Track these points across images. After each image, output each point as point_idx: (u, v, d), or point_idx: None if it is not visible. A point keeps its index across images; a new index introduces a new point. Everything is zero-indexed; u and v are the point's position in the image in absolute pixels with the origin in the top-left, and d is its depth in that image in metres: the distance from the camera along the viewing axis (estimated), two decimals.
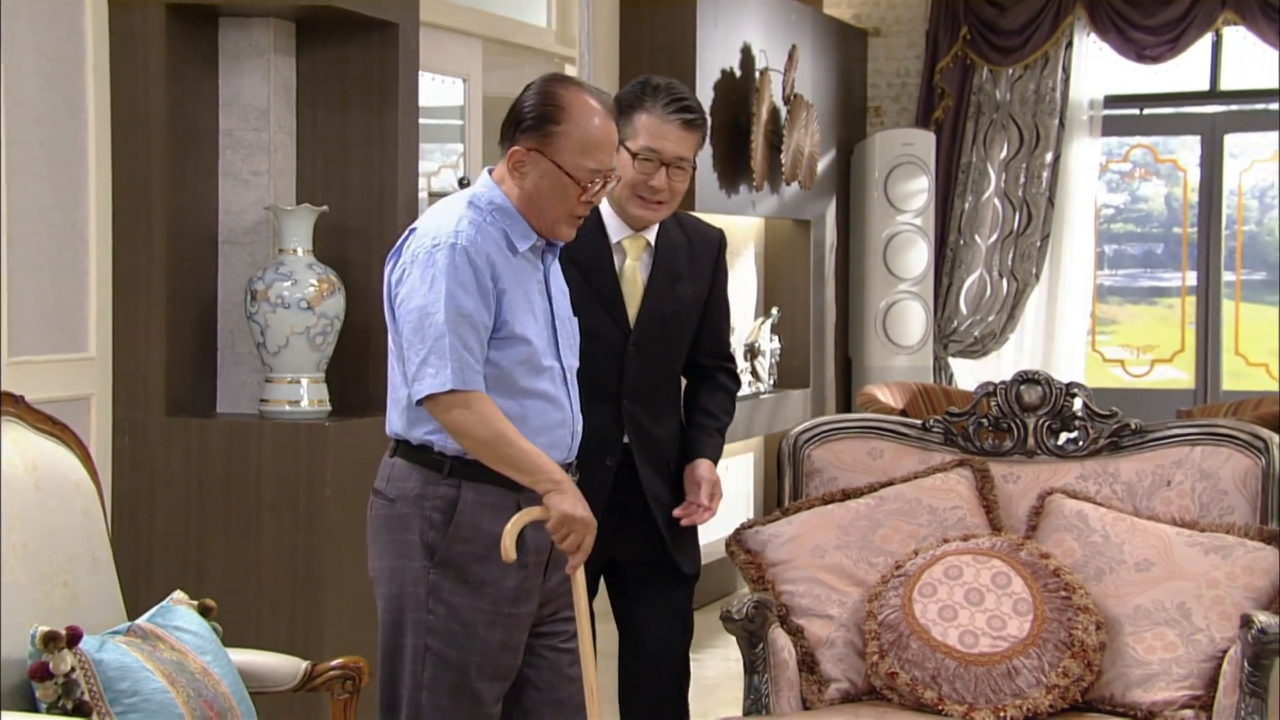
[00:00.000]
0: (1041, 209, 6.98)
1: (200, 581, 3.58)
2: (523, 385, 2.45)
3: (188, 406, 3.77)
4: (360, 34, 3.88)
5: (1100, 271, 7.37)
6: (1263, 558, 2.96)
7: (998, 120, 7.03)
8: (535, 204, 2.47)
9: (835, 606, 2.99)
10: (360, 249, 3.92)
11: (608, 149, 2.48)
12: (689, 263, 2.93)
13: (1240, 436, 3.12)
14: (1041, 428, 3.22)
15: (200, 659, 2.27)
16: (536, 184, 2.45)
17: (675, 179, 2.82)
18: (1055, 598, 2.91)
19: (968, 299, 7.10)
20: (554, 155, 2.44)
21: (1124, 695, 2.88)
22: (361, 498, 3.77)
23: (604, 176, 2.48)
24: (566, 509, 2.38)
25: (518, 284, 2.47)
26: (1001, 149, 7.03)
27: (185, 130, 3.74)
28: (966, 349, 7.13)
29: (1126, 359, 7.35)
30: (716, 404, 2.98)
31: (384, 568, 2.52)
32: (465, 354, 2.38)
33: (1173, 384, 7.19)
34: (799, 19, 6.42)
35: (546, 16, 5.41)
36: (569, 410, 2.52)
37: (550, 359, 2.50)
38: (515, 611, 2.46)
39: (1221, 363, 7.10)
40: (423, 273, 2.41)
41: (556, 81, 2.52)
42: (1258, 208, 7.30)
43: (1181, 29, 6.71)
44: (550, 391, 2.48)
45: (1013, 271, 7.05)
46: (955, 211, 7.07)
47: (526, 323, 2.46)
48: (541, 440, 2.45)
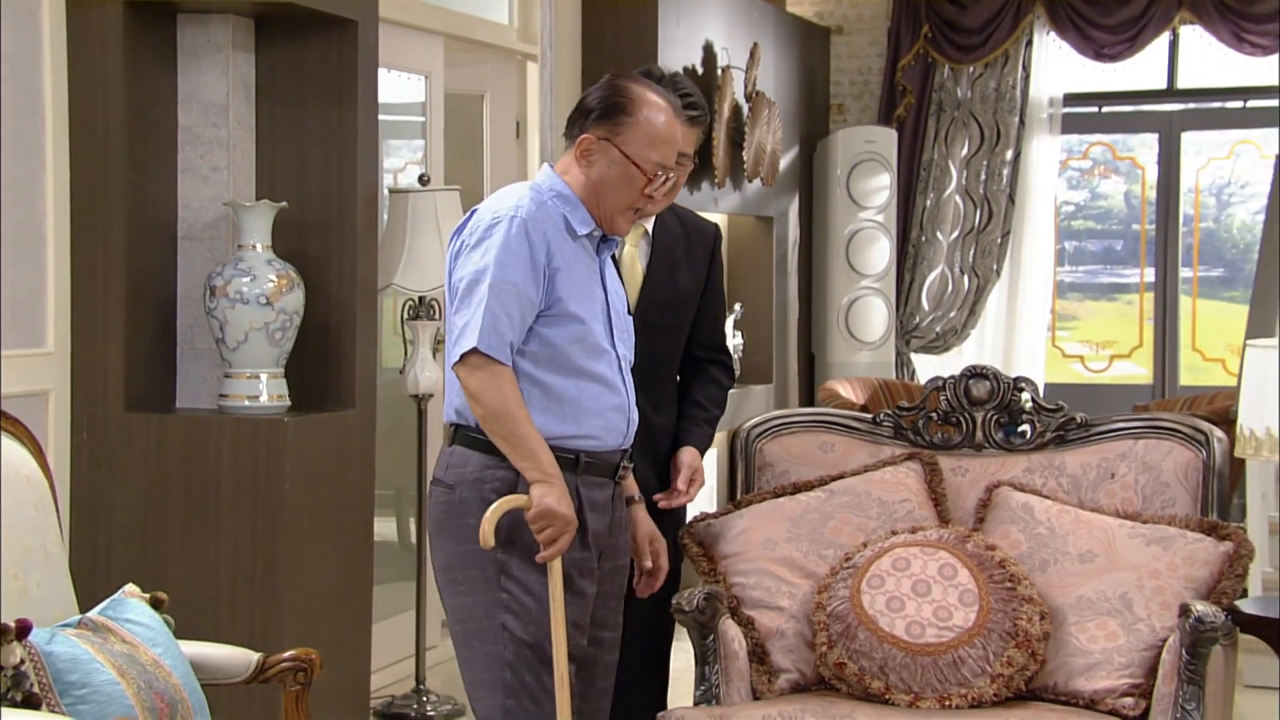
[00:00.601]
0: (1002, 206, 7.05)
1: (159, 576, 3.59)
2: (578, 364, 2.50)
3: (147, 402, 3.78)
4: (319, 31, 3.90)
5: (1060, 268, 7.44)
6: (1202, 549, 3.02)
7: (959, 118, 7.09)
8: (599, 193, 2.54)
9: (785, 598, 3.03)
10: (319, 245, 3.94)
11: (672, 145, 2.56)
12: (686, 253, 2.96)
13: (1182, 430, 3.18)
14: (990, 422, 3.28)
15: (151, 651, 2.28)
16: (604, 173, 2.53)
17: (676, 173, 2.84)
18: (1000, 589, 2.96)
19: (929, 295, 7.16)
20: (623, 145, 2.52)
21: (1067, 684, 2.93)
22: (320, 492, 3.81)
23: (666, 172, 2.55)
24: (550, 503, 2.42)
25: (574, 266, 2.54)
26: (962, 146, 7.09)
27: (144, 126, 3.75)
28: (928, 345, 7.19)
29: (1086, 354, 7.43)
30: (707, 396, 3.02)
31: (451, 553, 2.55)
32: (501, 321, 2.44)
33: (1131, 379, 7.28)
34: (761, 17, 6.46)
35: (508, 13, 5.43)
36: (625, 397, 2.58)
37: (606, 344, 2.56)
38: (583, 589, 2.52)
39: (1179, 358, 7.19)
40: (478, 244, 2.48)
41: (626, 77, 2.61)
42: (1215, 205, 7.39)
43: (1139, 28, 6.79)
44: (607, 375, 2.54)
45: (974, 268, 7.12)
46: (917, 208, 7.13)
47: (582, 303, 2.52)
48: (595, 423, 2.51)
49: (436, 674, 4.80)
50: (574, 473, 2.50)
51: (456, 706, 4.49)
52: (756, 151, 6.18)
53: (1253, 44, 6.67)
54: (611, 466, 2.58)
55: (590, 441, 2.53)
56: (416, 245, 4.39)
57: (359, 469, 3.95)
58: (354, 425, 3.93)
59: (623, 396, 2.57)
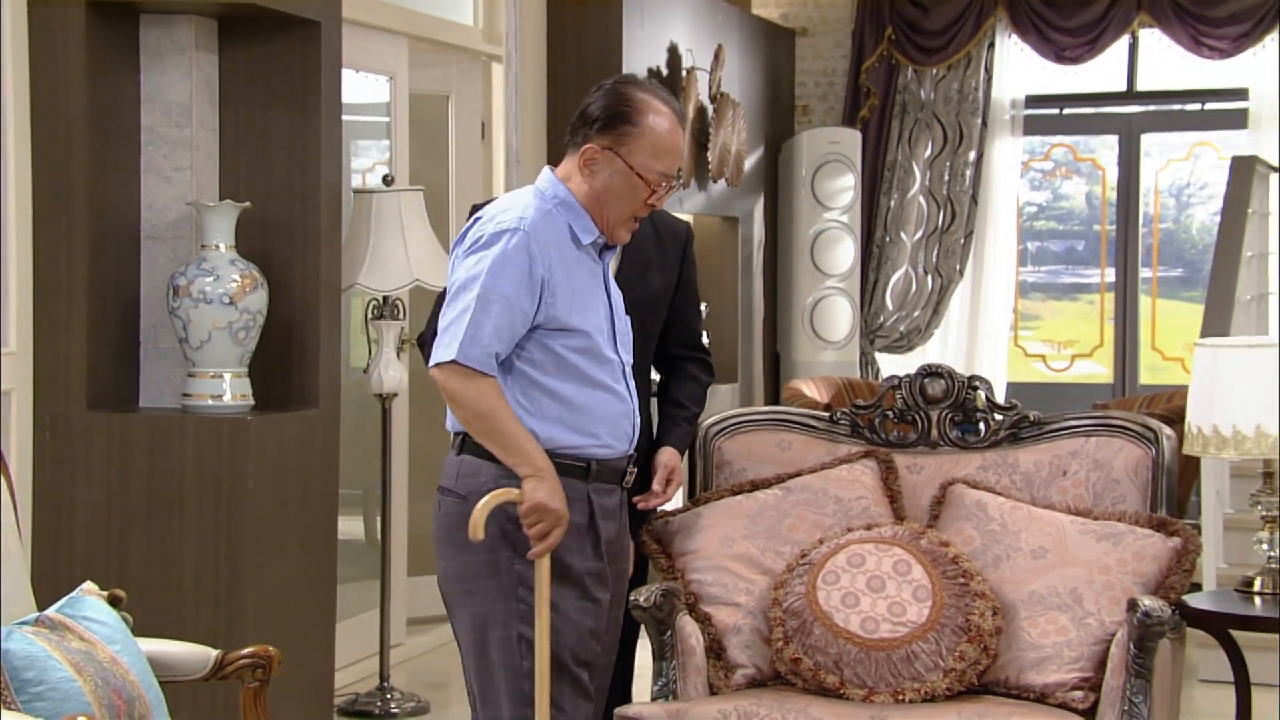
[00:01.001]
0: (965, 206, 7.12)
1: (123, 574, 3.60)
2: (586, 374, 2.51)
3: (110, 401, 3.79)
4: (283, 32, 3.91)
5: (1023, 268, 7.52)
6: (1151, 544, 3.07)
7: (922, 119, 7.16)
8: (602, 202, 2.53)
9: (743, 594, 3.07)
10: (283, 245, 3.96)
11: (675, 154, 2.53)
12: (657, 253, 2.96)
13: (1132, 427, 3.23)
14: (944, 420, 3.32)
15: (109, 648, 2.30)
16: (607, 183, 2.51)
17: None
18: (953, 584, 3.00)
19: (893, 295, 7.23)
20: (627, 155, 2.50)
21: (1018, 678, 2.97)
22: (282, 491, 3.83)
23: (669, 180, 2.54)
24: (541, 498, 2.43)
25: (576, 276, 2.53)
26: (926, 147, 7.16)
27: (106, 127, 3.76)
28: (892, 344, 7.26)
29: (1048, 354, 7.51)
30: (686, 394, 3.04)
31: (462, 563, 2.53)
32: (485, 333, 2.44)
33: (1092, 378, 7.36)
34: (726, 19, 6.51)
35: (473, 14, 5.45)
36: (630, 403, 2.60)
37: (611, 352, 2.57)
38: (598, 597, 2.54)
39: (1139, 357, 7.28)
40: (476, 252, 2.48)
41: (628, 83, 2.57)
42: (1175, 206, 7.49)
43: (1099, 31, 6.87)
44: (612, 384, 2.55)
45: (937, 268, 7.19)
46: (881, 209, 7.19)
47: (585, 315, 2.52)
48: (604, 430, 2.52)
49: (401, 671, 4.82)
50: (585, 481, 2.51)
51: (420, 703, 4.51)
52: (721, 152, 6.23)
53: (1210, 47, 6.76)
54: (619, 473, 2.60)
55: (601, 450, 2.54)
56: (380, 245, 4.41)
57: (323, 468, 3.97)
58: (318, 424, 3.95)
59: (628, 403, 2.59)
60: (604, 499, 2.57)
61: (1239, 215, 5.53)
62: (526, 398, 2.50)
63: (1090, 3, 6.86)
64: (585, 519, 2.52)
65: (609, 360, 2.55)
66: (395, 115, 5.08)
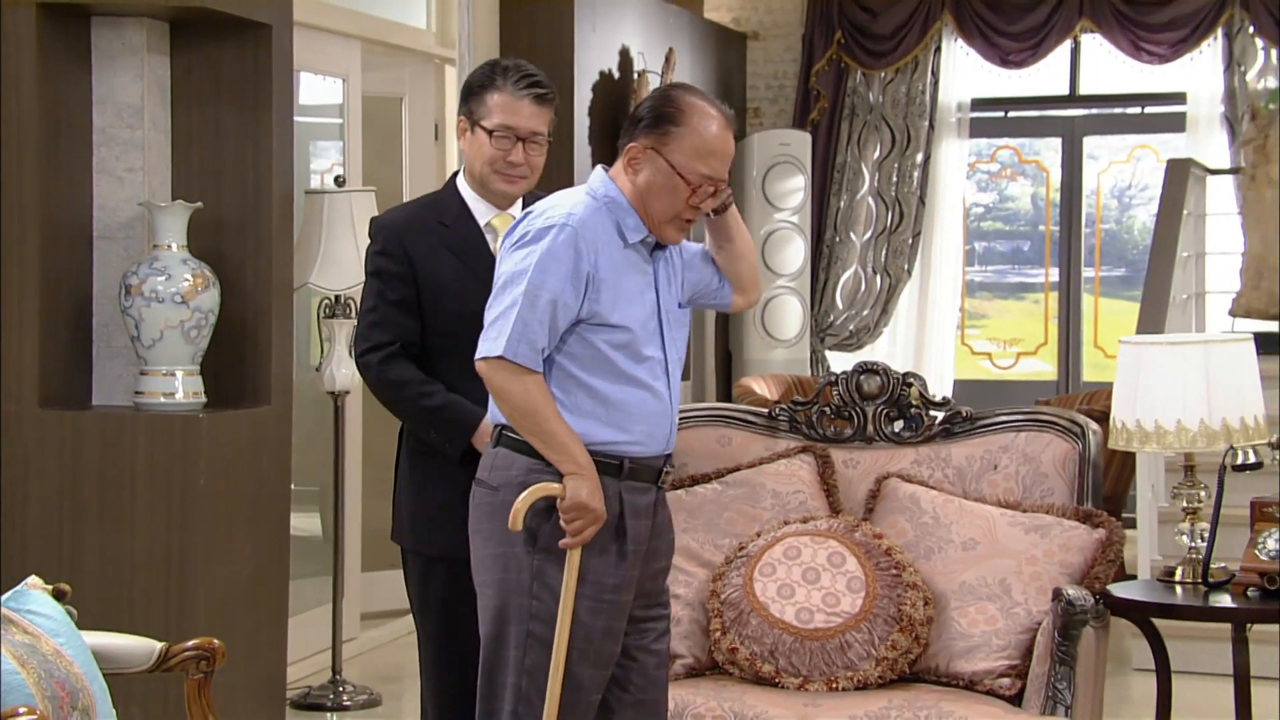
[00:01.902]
0: (913, 207, 7.24)
1: (75, 570, 3.64)
2: (626, 371, 2.52)
3: (62, 399, 3.83)
4: (234, 34, 3.95)
5: (969, 268, 7.65)
6: (1077, 536, 3.15)
7: (871, 122, 7.28)
8: (645, 200, 2.54)
9: (682, 587, 3.14)
10: (235, 244, 4.00)
11: (721, 157, 2.54)
12: None
13: (1060, 423, 3.32)
14: (880, 415, 3.40)
15: (53, 641, 2.32)
16: (649, 181, 2.53)
17: (532, 153, 2.88)
18: (886, 575, 3.08)
19: (843, 294, 7.34)
20: (668, 155, 2.51)
21: (948, 666, 3.05)
22: (234, 487, 3.88)
23: (714, 185, 2.53)
24: (583, 496, 2.45)
25: (624, 274, 2.53)
26: (875, 149, 7.28)
27: (58, 128, 3.79)
28: (842, 342, 7.37)
29: (994, 352, 7.64)
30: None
31: (488, 555, 2.55)
32: (532, 329, 2.47)
33: (1037, 375, 7.50)
34: (677, 22, 6.59)
35: (426, 18, 5.51)
36: (667, 402, 2.58)
37: (652, 349, 2.56)
38: (616, 599, 2.51)
39: (1082, 355, 7.42)
40: (524, 246, 2.51)
41: (679, 88, 2.60)
42: (1116, 207, 7.64)
43: (1042, 36, 7.01)
44: (650, 382, 2.54)
45: (886, 268, 7.31)
46: (831, 210, 7.30)
47: (629, 311, 2.53)
48: (640, 428, 2.52)
49: (354, 665, 4.87)
50: (617, 478, 2.51)
51: (373, 696, 4.56)
52: None
53: (1149, 53, 6.91)
54: (654, 471, 2.58)
55: (635, 447, 2.54)
56: (332, 245, 4.47)
57: (275, 465, 4.02)
58: (269, 421, 4.00)
59: (665, 402, 2.58)
60: (636, 497, 2.55)
61: (1174, 217, 5.66)
62: (563, 391, 2.52)
63: (1033, 8, 7.00)
64: (614, 516, 2.52)
65: (648, 358, 2.55)
66: (348, 117, 5.13)
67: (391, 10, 5.32)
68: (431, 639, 2.93)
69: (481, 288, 2.83)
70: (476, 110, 2.87)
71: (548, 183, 2.98)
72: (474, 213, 2.92)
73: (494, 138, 2.86)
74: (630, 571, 2.54)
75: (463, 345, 2.83)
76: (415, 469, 2.94)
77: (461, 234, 2.89)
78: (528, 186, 2.94)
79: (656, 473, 2.59)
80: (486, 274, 2.85)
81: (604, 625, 2.51)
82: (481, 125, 2.87)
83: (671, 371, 2.61)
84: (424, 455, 2.92)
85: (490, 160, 2.87)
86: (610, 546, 2.51)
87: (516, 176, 2.89)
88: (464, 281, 2.85)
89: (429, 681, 2.96)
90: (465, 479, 2.82)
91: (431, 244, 2.88)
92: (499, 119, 2.85)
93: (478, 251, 2.89)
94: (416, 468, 2.94)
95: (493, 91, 2.87)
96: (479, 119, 2.87)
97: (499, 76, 2.87)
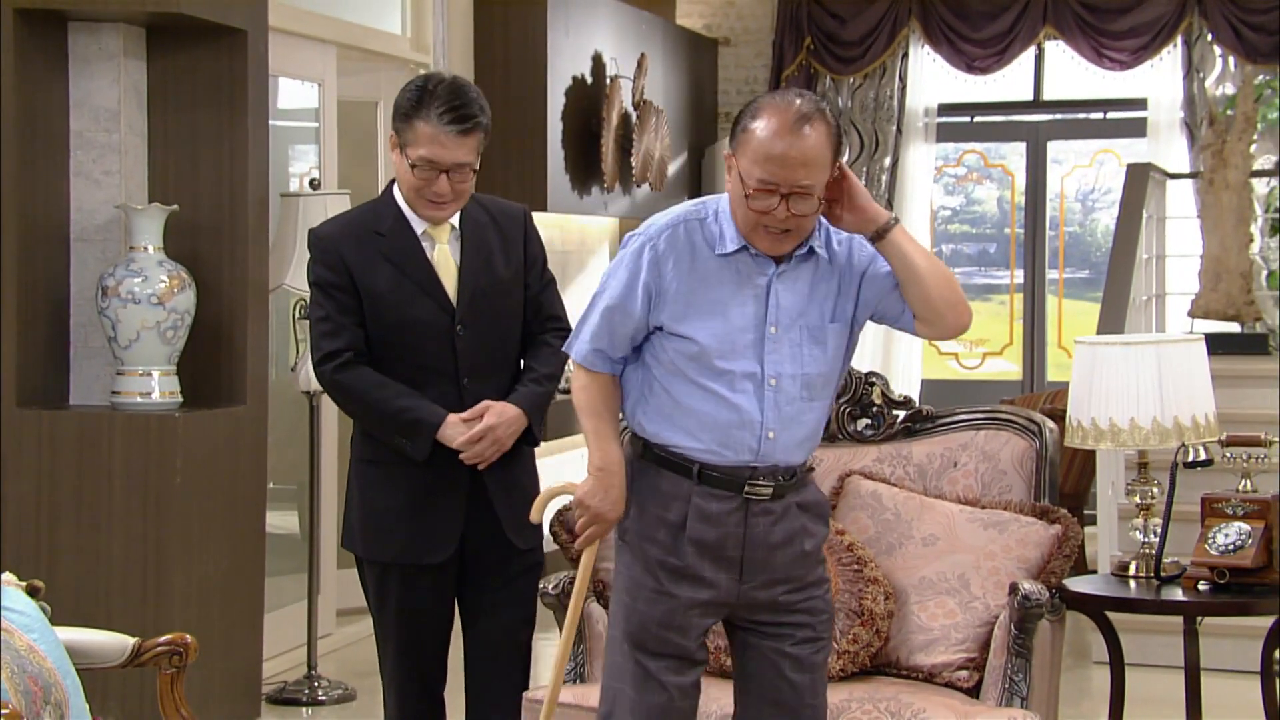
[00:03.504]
0: None
1: (52, 567, 3.69)
2: (697, 380, 2.49)
3: (39, 399, 3.87)
4: (210, 40, 4.01)
5: None
6: (1034, 531, 3.22)
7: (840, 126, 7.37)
8: (732, 208, 2.47)
9: None
10: (211, 247, 4.06)
11: (781, 163, 2.35)
12: (499, 239, 2.95)
13: (1018, 421, 3.38)
14: (843, 414, 3.46)
15: (26, 636, 2.34)
16: (731, 189, 2.46)
17: (456, 181, 2.82)
18: (848, 570, 3.14)
19: None
20: (739, 160, 2.43)
21: (908, 659, 3.10)
22: (210, 486, 3.93)
23: (770, 189, 2.36)
24: (582, 494, 2.50)
25: (708, 285, 2.46)
26: (844, 154, 7.35)
27: (35, 131, 3.84)
28: None
29: (960, 352, 7.74)
30: (536, 358, 2.99)
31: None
32: (603, 339, 2.50)
33: (1002, 375, 7.60)
34: (649, 28, 6.67)
35: (401, 23, 5.57)
36: (753, 414, 2.48)
37: (738, 363, 2.47)
38: (676, 592, 2.51)
39: (1046, 355, 7.54)
40: (618, 256, 2.56)
41: (770, 91, 2.58)
42: (1080, 210, 7.76)
43: (1007, 42, 7.12)
44: (723, 393, 2.47)
45: None
46: None
47: (703, 324, 2.47)
48: (709, 436, 2.48)
49: (329, 660, 4.91)
50: (690, 480, 2.51)
51: (347, 691, 4.62)
52: (644, 157, 6.39)
53: (1111, 59, 7.03)
54: (735, 481, 2.51)
55: (706, 455, 2.51)
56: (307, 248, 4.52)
57: (251, 463, 4.08)
58: (245, 421, 4.05)
59: (747, 414, 2.47)
60: (709, 503, 2.50)
61: (1134, 220, 5.77)
62: (647, 390, 2.54)
63: (998, 15, 7.11)
64: (679, 517, 2.52)
65: (723, 371, 2.47)
66: (324, 121, 5.18)
67: (367, 16, 5.37)
68: (391, 645, 2.95)
69: (419, 295, 2.86)
70: (403, 134, 2.81)
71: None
72: (410, 222, 2.89)
73: (416, 170, 2.80)
74: (695, 569, 2.51)
75: (407, 353, 2.87)
76: (361, 476, 2.95)
77: (398, 243, 2.86)
78: (455, 210, 2.89)
79: (739, 483, 2.50)
80: (423, 282, 2.87)
81: (660, 616, 2.52)
82: (405, 152, 2.81)
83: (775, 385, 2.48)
84: (370, 462, 2.92)
85: (414, 188, 2.83)
86: (669, 542, 2.52)
87: (440, 203, 2.84)
88: (401, 290, 2.85)
89: (391, 686, 2.98)
90: (413, 486, 2.86)
91: (368, 254, 2.87)
92: (422, 151, 2.78)
93: (415, 260, 2.87)
94: (362, 475, 2.94)
95: (418, 119, 2.78)
96: (405, 144, 2.81)
97: (425, 103, 2.79)
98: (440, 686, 3.01)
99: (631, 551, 2.55)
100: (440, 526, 2.88)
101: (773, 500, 2.53)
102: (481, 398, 2.88)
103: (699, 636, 2.56)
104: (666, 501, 2.51)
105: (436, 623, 2.95)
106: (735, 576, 2.53)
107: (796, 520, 2.56)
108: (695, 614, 2.54)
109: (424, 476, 2.89)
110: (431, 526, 2.89)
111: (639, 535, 2.54)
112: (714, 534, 2.52)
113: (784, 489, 2.54)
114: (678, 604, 2.52)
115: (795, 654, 2.57)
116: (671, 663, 2.54)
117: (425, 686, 2.98)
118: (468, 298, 2.90)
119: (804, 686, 2.57)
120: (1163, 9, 6.90)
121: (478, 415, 2.87)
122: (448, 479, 2.89)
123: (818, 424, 2.57)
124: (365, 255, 2.87)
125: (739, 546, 2.53)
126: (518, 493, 2.94)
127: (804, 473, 2.58)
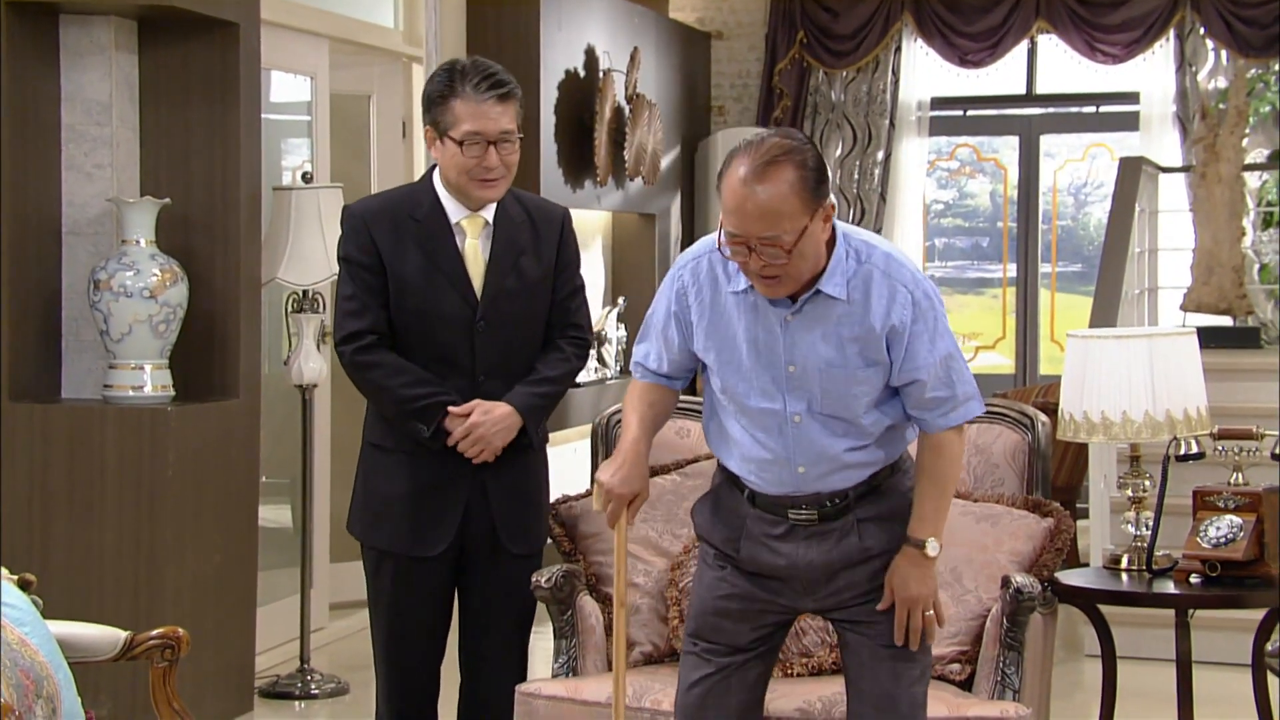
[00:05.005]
0: (874, 204, 7.34)
1: (44, 561, 3.69)
2: (733, 412, 2.52)
3: (32, 392, 3.87)
4: (202, 33, 4.01)
5: (930, 263, 7.76)
6: (1026, 525, 3.23)
7: (833, 120, 7.38)
8: None
9: (641, 575, 3.20)
10: (203, 240, 4.06)
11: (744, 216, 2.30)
12: (532, 239, 2.94)
13: (1010, 414, 3.39)
14: None
15: (18, 630, 2.34)
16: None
17: (505, 153, 2.82)
18: None
19: None
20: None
21: None
22: (202, 479, 3.93)
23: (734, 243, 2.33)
24: (599, 471, 2.58)
25: (719, 321, 2.47)
26: (837, 147, 7.38)
27: (27, 125, 3.83)
28: None
29: None
30: (545, 361, 2.98)
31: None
32: (650, 356, 2.58)
33: (996, 369, 7.62)
34: (642, 22, 6.67)
35: (393, 17, 5.56)
36: (780, 451, 2.47)
37: (758, 400, 2.46)
38: (731, 592, 2.57)
39: (1039, 349, 7.56)
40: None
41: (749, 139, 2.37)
42: (1073, 204, 7.78)
43: (1000, 36, 7.13)
44: (751, 428, 2.49)
45: None
46: None
47: (722, 357, 2.48)
48: (748, 467, 2.53)
49: (322, 654, 4.92)
50: (747, 502, 2.55)
51: (340, 685, 4.62)
52: (638, 151, 6.39)
53: (1104, 53, 7.04)
54: (779, 508, 2.53)
55: (751, 479, 2.56)
56: (300, 241, 4.52)
57: (243, 457, 4.08)
58: (238, 414, 4.06)
59: (777, 453, 2.48)
60: (761, 525, 2.55)
61: (1126, 213, 5.78)
62: (710, 410, 2.60)
63: (991, 9, 7.12)
64: (736, 532, 2.58)
65: (751, 409, 2.47)
66: (316, 114, 5.18)
67: (359, 9, 5.37)
68: (382, 635, 2.96)
69: (444, 285, 2.85)
70: (442, 120, 2.81)
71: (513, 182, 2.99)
72: (446, 211, 2.88)
73: (465, 147, 2.80)
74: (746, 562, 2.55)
75: (426, 343, 2.86)
76: (368, 459, 2.96)
77: (430, 230, 2.86)
78: (505, 188, 2.89)
79: (782, 509, 2.53)
80: (451, 273, 2.86)
81: (716, 604, 2.60)
82: (450, 136, 2.81)
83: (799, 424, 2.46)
84: (378, 447, 2.93)
85: (465, 169, 2.82)
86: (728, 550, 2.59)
87: (494, 179, 2.84)
88: (427, 277, 2.84)
89: (382, 678, 2.98)
90: (416, 475, 2.86)
91: (399, 237, 2.86)
92: (466, 127, 2.79)
93: (445, 249, 2.87)
94: (370, 458, 2.95)
95: (454, 99, 2.80)
96: (446, 129, 2.81)
97: (458, 82, 2.80)
98: (432, 682, 3.00)
99: (701, 549, 2.65)
100: (437, 520, 2.89)
101: (822, 522, 2.53)
102: (493, 397, 2.88)
103: (753, 631, 2.61)
104: (729, 516, 2.59)
105: (428, 615, 2.95)
106: (796, 591, 2.58)
107: (866, 538, 2.53)
108: (752, 612, 2.60)
109: (428, 468, 2.89)
110: (429, 518, 2.89)
111: (707, 533, 2.63)
112: (766, 555, 2.56)
113: (833, 512, 2.52)
114: (735, 591, 2.59)
115: (869, 635, 2.57)
116: (722, 648, 2.60)
117: (416, 683, 2.98)
118: (492, 295, 2.89)
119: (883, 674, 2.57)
120: (1155, 3, 6.91)
121: (466, 413, 2.87)
122: (450, 473, 2.89)
123: (865, 458, 2.50)
124: (397, 238, 2.87)
125: (792, 568, 2.56)
126: (519, 498, 2.95)
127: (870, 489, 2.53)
